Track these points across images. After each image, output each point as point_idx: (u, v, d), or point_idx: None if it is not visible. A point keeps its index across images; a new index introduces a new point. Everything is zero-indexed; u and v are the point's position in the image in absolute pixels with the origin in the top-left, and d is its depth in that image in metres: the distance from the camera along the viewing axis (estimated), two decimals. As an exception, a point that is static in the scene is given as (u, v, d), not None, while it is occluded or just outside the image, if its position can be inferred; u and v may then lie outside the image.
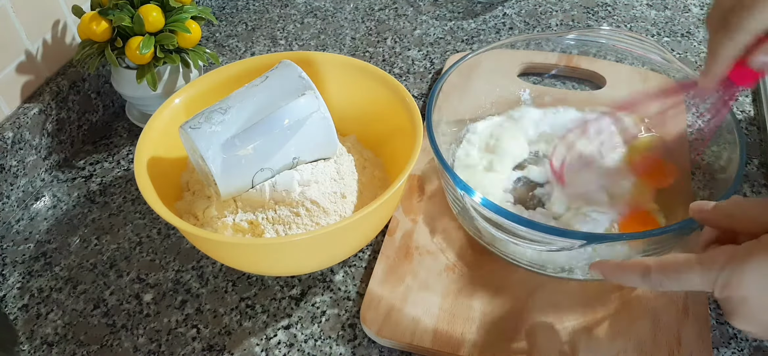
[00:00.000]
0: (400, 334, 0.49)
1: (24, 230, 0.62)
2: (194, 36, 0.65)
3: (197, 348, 0.51)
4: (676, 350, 0.47)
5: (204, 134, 0.50)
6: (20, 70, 0.63)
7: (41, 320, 0.53)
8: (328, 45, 0.84)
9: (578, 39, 0.64)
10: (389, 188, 0.47)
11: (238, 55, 0.83)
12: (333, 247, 0.50)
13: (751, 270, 0.35)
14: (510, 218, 0.45)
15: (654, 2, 0.86)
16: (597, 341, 0.48)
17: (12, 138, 0.61)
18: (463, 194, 0.48)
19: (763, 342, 0.48)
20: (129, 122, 0.72)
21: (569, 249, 0.45)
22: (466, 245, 0.55)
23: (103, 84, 0.72)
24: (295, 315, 0.52)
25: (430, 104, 0.56)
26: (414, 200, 0.60)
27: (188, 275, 0.56)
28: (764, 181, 0.60)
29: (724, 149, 0.52)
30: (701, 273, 0.36)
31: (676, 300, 0.50)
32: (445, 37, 0.83)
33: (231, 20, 0.90)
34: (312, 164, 0.54)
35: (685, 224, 0.44)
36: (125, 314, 0.53)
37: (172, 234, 0.60)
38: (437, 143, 0.52)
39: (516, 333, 0.49)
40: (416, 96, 0.74)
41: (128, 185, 0.65)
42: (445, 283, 0.52)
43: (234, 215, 0.52)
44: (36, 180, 0.65)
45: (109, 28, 0.62)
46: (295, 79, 0.53)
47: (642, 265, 0.39)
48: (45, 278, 0.57)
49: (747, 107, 0.68)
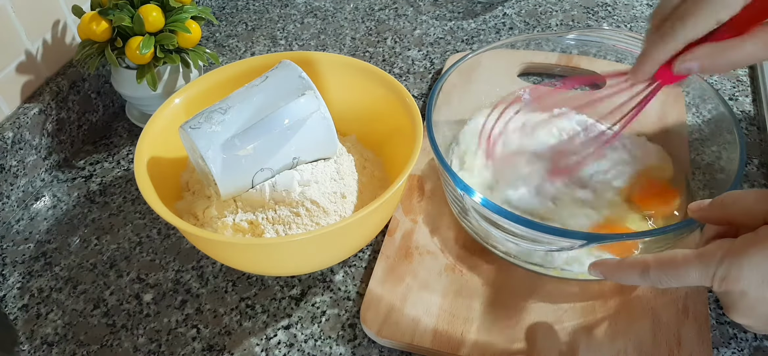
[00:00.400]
0: (400, 334, 0.49)
1: (24, 230, 0.62)
2: (194, 36, 0.65)
3: (197, 348, 0.51)
4: (676, 350, 0.47)
5: (204, 134, 0.50)
6: (20, 70, 0.63)
7: (41, 320, 0.53)
8: (328, 45, 0.84)
9: (578, 39, 0.64)
10: (389, 188, 0.47)
11: (238, 55, 0.83)
12: (333, 247, 0.50)
13: (748, 263, 0.35)
14: (510, 218, 0.45)
15: (654, 2, 0.86)
16: (597, 341, 0.48)
17: (12, 138, 0.61)
18: (463, 194, 0.48)
19: (763, 341, 0.48)
20: (129, 122, 0.72)
21: (569, 249, 0.45)
22: (467, 245, 0.55)
23: (103, 84, 0.72)
24: (295, 315, 0.52)
25: (430, 104, 0.56)
26: (414, 200, 0.60)
27: (188, 275, 0.56)
28: (764, 181, 0.60)
29: (724, 149, 0.52)
30: (699, 268, 0.37)
31: (676, 300, 0.50)
32: (445, 37, 0.83)
33: (231, 20, 0.90)
34: (312, 164, 0.54)
35: (686, 224, 0.44)
36: (125, 314, 0.53)
37: (172, 234, 0.60)
38: (437, 143, 0.52)
39: (516, 333, 0.49)
40: (416, 96, 0.74)
41: (128, 185, 0.65)
42: (445, 283, 0.52)
43: (234, 215, 0.52)
44: (36, 180, 0.65)
45: (109, 28, 0.62)
46: (295, 79, 0.53)
47: (641, 263, 0.39)
48: (45, 278, 0.57)
49: (747, 107, 0.68)
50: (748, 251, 0.35)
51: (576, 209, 0.53)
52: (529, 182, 0.56)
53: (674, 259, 0.38)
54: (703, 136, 0.57)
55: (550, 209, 0.54)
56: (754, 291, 0.35)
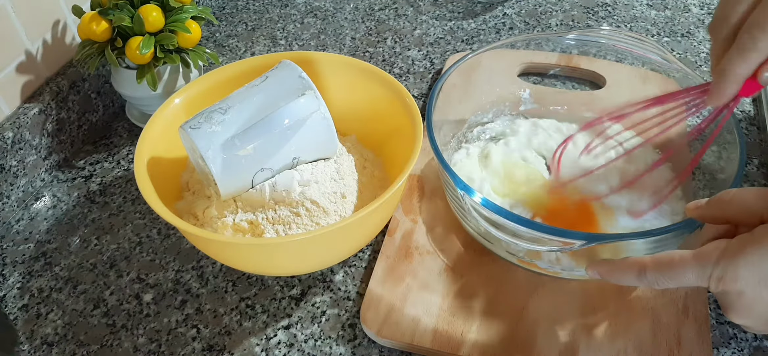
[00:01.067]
0: (400, 334, 0.49)
1: (24, 230, 0.62)
2: (194, 36, 0.65)
3: (197, 348, 0.51)
4: (676, 350, 0.47)
5: (204, 134, 0.50)
6: (20, 70, 0.63)
7: (41, 320, 0.53)
8: (328, 45, 0.84)
9: (578, 39, 0.64)
10: (389, 188, 0.47)
11: (238, 55, 0.83)
12: (333, 247, 0.50)
13: (745, 264, 0.35)
14: (510, 218, 0.45)
15: (654, 2, 0.86)
16: (597, 341, 0.48)
17: (12, 138, 0.61)
18: (463, 194, 0.48)
19: (763, 341, 0.48)
20: (129, 122, 0.72)
21: (569, 249, 0.45)
22: (466, 245, 0.55)
23: (103, 84, 0.72)
24: (295, 315, 0.52)
25: (430, 104, 0.56)
26: (414, 200, 0.60)
27: (188, 275, 0.56)
28: (764, 181, 0.60)
29: (724, 149, 0.52)
30: (696, 269, 0.37)
31: (676, 300, 0.50)
32: (445, 37, 0.83)
33: (231, 20, 0.90)
34: (312, 164, 0.54)
35: (685, 224, 0.44)
36: (125, 314, 0.53)
37: (172, 234, 0.60)
38: (437, 143, 0.52)
39: (516, 333, 0.49)
40: (416, 96, 0.74)
41: (128, 185, 0.65)
42: (445, 283, 0.52)
43: (234, 215, 0.52)
44: (36, 180, 0.65)
45: (109, 28, 0.62)
46: (295, 79, 0.53)
47: (638, 264, 0.39)
48: (45, 278, 0.57)
49: (747, 107, 0.68)
50: (745, 251, 0.35)
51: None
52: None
53: (671, 260, 0.38)
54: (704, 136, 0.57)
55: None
56: (751, 291, 0.35)
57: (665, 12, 0.84)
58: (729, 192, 0.39)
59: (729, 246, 0.36)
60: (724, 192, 0.39)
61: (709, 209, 0.40)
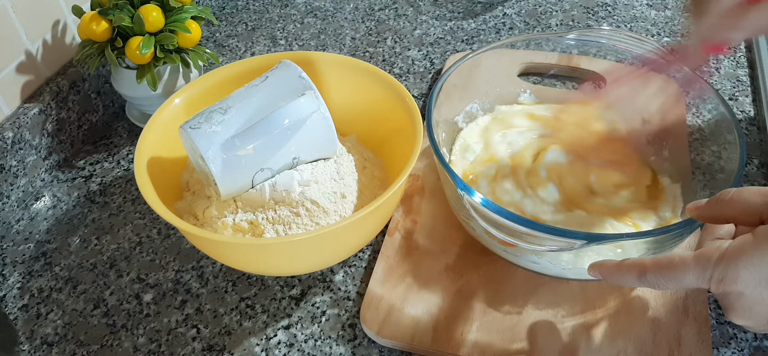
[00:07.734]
0: (400, 334, 0.49)
1: (24, 230, 0.62)
2: (194, 36, 0.65)
3: (197, 348, 0.51)
4: (676, 350, 0.47)
5: (204, 134, 0.50)
6: (20, 70, 0.63)
7: (41, 320, 0.53)
8: (328, 45, 0.84)
9: (578, 39, 0.64)
10: (389, 188, 0.47)
11: (238, 55, 0.83)
12: (333, 247, 0.50)
13: (744, 265, 0.35)
14: (510, 218, 0.45)
15: (654, 2, 0.86)
16: (597, 341, 0.48)
17: (12, 138, 0.61)
18: (463, 193, 0.48)
19: (763, 342, 0.48)
20: (129, 122, 0.72)
21: (569, 249, 0.45)
22: (466, 245, 0.55)
23: (103, 84, 0.72)
24: (295, 315, 0.52)
25: (430, 104, 0.56)
26: (414, 200, 0.60)
27: (188, 275, 0.56)
28: (764, 181, 0.60)
29: (724, 149, 0.52)
30: (696, 271, 0.37)
31: (676, 300, 0.50)
32: (445, 37, 0.83)
33: (231, 20, 0.90)
34: (312, 164, 0.54)
35: (686, 224, 0.44)
36: (125, 314, 0.53)
37: (172, 234, 0.60)
38: (437, 143, 0.52)
39: (516, 333, 0.49)
40: (416, 96, 0.74)
41: (128, 185, 0.65)
42: (445, 283, 0.52)
43: (234, 215, 0.52)
44: (36, 180, 0.65)
45: (109, 28, 0.62)
46: (295, 79, 0.53)
47: (638, 265, 0.39)
48: (45, 278, 0.57)
49: (747, 107, 0.68)
50: (745, 252, 0.35)
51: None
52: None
53: (671, 261, 0.38)
54: (703, 136, 0.57)
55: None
56: (751, 291, 0.35)
57: (665, 12, 0.84)
58: (729, 192, 0.39)
59: (729, 247, 0.36)
60: (724, 192, 0.39)
61: (709, 209, 0.40)
